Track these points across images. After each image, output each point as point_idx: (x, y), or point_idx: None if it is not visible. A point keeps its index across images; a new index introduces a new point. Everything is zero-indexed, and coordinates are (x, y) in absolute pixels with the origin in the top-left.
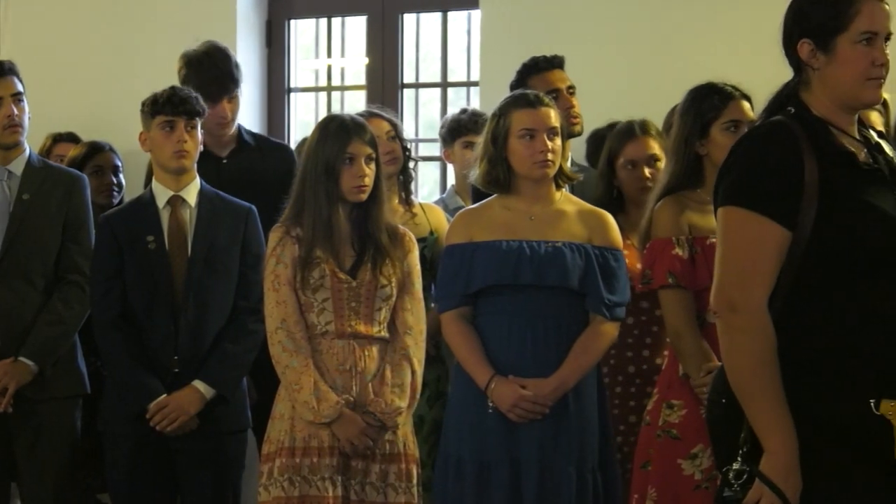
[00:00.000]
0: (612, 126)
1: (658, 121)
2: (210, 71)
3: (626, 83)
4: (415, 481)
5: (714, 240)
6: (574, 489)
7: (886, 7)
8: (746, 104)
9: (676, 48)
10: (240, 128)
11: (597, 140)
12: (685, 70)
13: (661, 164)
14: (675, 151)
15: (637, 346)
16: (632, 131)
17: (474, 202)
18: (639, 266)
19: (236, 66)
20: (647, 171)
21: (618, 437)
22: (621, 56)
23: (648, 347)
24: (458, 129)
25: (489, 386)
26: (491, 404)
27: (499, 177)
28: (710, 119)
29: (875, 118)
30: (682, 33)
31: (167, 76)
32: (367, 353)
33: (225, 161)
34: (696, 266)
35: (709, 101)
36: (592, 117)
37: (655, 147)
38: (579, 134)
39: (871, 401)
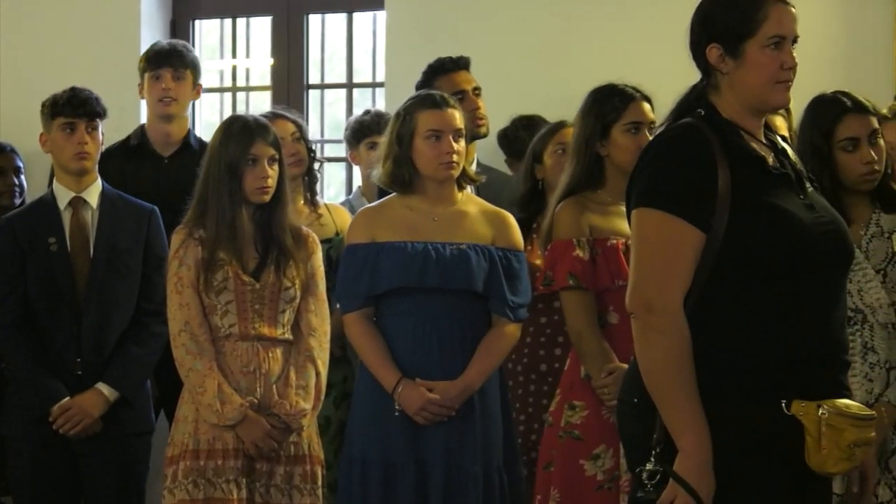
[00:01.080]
0: (523, 122)
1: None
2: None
3: (531, 84)
4: (320, 483)
5: (615, 241)
6: (480, 488)
7: (793, 10)
8: (647, 105)
9: (580, 49)
10: (190, 131)
11: (509, 140)
12: (588, 71)
13: None
14: (576, 152)
15: (550, 345)
16: (563, 124)
17: None
18: None
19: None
20: None
21: (532, 436)
22: (526, 57)
23: (561, 346)
24: (362, 131)
25: (396, 389)
26: (398, 407)
27: (403, 177)
28: (611, 120)
29: (779, 123)
30: (585, 35)
31: (71, 76)
32: (271, 355)
33: (166, 161)
34: (597, 267)
35: (610, 102)
36: (498, 119)
37: None
38: (485, 135)
39: (783, 401)
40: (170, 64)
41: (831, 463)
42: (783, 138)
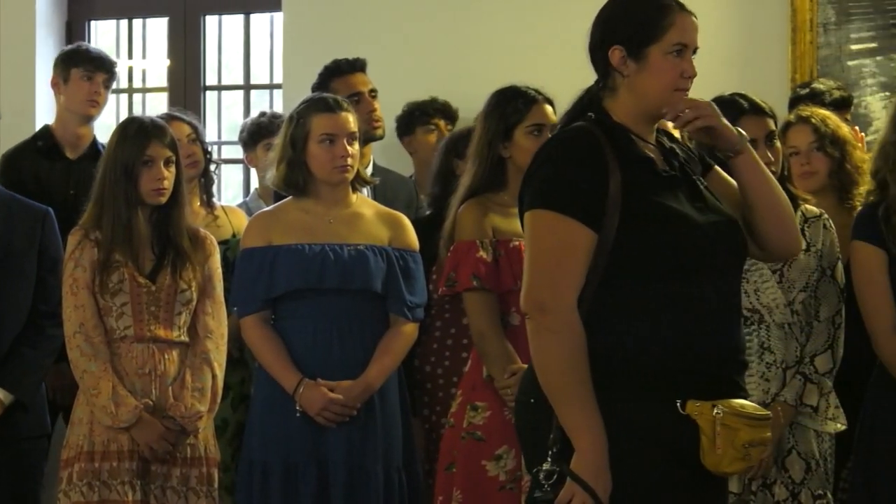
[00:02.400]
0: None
1: (462, 123)
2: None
3: (428, 86)
4: (216, 485)
5: (517, 242)
6: (382, 488)
7: (695, 21)
8: (549, 108)
9: (479, 52)
10: (95, 137)
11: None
12: (486, 74)
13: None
14: (478, 154)
15: (456, 347)
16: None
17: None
18: None
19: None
20: None
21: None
22: (424, 59)
23: (465, 349)
24: (259, 132)
25: (297, 390)
26: (299, 408)
27: (297, 180)
28: (514, 122)
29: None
30: (484, 37)
31: None
32: (167, 357)
33: (75, 163)
34: (500, 268)
35: (512, 104)
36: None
37: None
38: (381, 137)
39: (678, 401)
40: (105, 70)
41: (726, 463)
42: (671, 139)
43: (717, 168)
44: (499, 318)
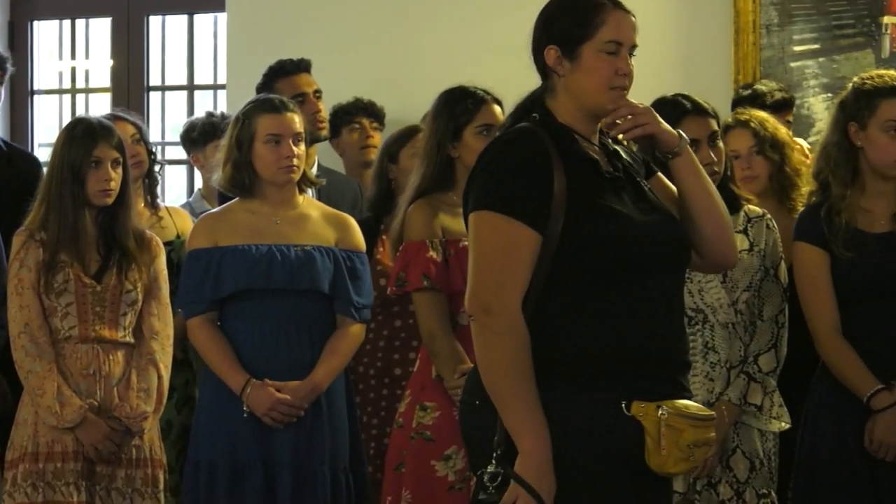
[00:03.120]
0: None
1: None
2: None
3: (373, 87)
4: (161, 486)
5: (467, 242)
6: (328, 489)
7: (633, 20)
8: (498, 108)
9: (425, 52)
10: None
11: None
12: (432, 74)
13: None
14: (427, 154)
15: (404, 348)
16: (417, 130)
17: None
18: None
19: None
20: None
21: (385, 440)
22: (368, 60)
23: (415, 350)
24: (213, 132)
25: (244, 391)
26: (246, 409)
27: (244, 181)
28: (463, 122)
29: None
30: (428, 38)
31: None
32: (112, 357)
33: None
34: (450, 269)
35: (462, 104)
36: None
37: None
38: (326, 138)
39: (623, 402)
40: (3, 69)
41: (671, 463)
42: (616, 140)
43: (660, 175)
44: (448, 319)
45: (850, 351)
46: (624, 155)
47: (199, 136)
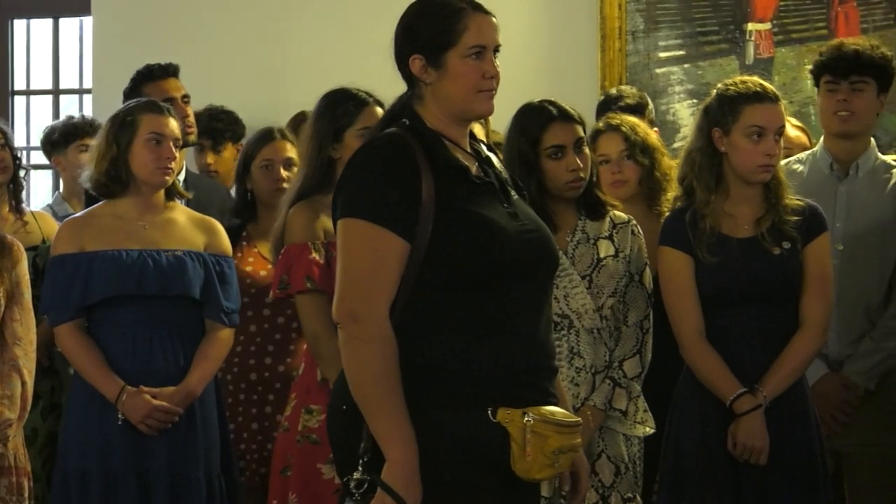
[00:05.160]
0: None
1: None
2: None
3: (242, 92)
4: (27, 495)
5: None
6: (204, 495)
7: (494, 20)
8: (380, 111)
9: (292, 56)
10: None
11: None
12: (301, 79)
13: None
14: (308, 156)
15: (260, 353)
16: (270, 134)
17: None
18: (263, 273)
19: None
20: (283, 173)
21: (241, 445)
22: (237, 64)
23: (271, 355)
24: (74, 133)
25: (119, 398)
26: (121, 416)
27: (119, 178)
28: (345, 125)
29: (477, 129)
30: (298, 41)
31: None
32: None
33: None
34: (333, 270)
35: (343, 106)
36: None
37: (292, 151)
38: (193, 143)
39: (489, 409)
40: None
41: (536, 469)
42: (488, 147)
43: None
44: (332, 320)
45: (713, 355)
46: (496, 162)
47: (59, 137)
